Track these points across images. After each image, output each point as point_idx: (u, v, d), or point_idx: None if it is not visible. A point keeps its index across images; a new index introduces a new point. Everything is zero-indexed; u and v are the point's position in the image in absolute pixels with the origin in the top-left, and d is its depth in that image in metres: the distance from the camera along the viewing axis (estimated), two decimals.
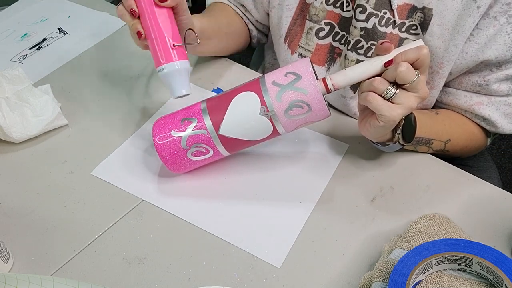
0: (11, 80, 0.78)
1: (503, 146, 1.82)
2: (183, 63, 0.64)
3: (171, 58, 0.64)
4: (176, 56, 0.64)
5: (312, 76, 0.58)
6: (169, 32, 0.64)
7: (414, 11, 0.68)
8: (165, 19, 0.64)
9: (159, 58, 0.64)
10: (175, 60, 0.64)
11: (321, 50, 0.78)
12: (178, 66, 0.64)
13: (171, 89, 0.65)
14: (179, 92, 0.65)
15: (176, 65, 0.64)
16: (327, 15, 0.75)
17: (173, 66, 0.64)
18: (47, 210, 0.67)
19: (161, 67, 0.64)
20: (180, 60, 0.64)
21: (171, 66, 0.64)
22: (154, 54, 0.65)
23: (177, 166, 0.66)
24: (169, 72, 0.64)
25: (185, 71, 0.65)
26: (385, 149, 0.69)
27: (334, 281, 0.59)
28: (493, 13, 0.65)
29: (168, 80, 0.65)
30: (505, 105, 0.71)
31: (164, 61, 0.64)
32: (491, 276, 0.50)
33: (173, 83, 0.65)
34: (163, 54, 0.64)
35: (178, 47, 0.64)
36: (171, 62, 0.64)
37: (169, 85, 0.65)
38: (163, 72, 0.64)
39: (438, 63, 0.70)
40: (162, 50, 0.64)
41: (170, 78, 0.64)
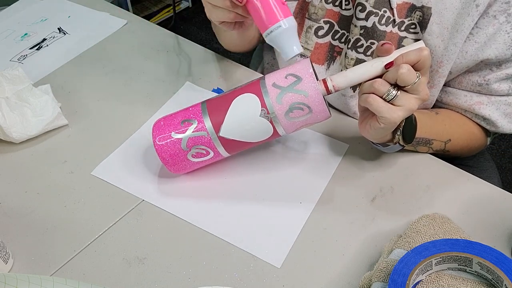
0: (11, 80, 0.78)
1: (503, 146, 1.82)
2: (290, 20, 0.60)
3: (288, 12, 0.60)
4: (282, 15, 0.60)
5: (312, 78, 0.58)
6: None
7: (413, 9, 0.68)
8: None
9: (274, 15, 0.59)
10: (290, 15, 0.60)
11: (320, 48, 0.77)
12: (293, 21, 0.60)
13: (288, 48, 0.60)
14: (297, 49, 0.61)
15: (292, 19, 0.60)
16: (327, 13, 0.75)
17: (291, 21, 0.60)
18: (47, 210, 0.67)
19: (278, 24, 0.59)
20: (287, 18, 0.60)
21: (289, 21, 0.59)
22: (267, 13, 0.60)
23: (177, 167, 0.66)
24: (288, 27, 0.60)
25: (294, 28, 0.61)
26: (386, 149, 0.69)
27: (334, 281, 0.59)
28: (492, 12, 0.65)
29: (284, 38, 0.60)
30: (505, 105, 0.71)
31: (281, 17, 0.59)
32: (491, 276, 0.50)
33: (291, 39, 0.60)
34: (279, 10, 0.60)
35: (283, 4, 0.60)
36: (289, 17, 0.60)
37: (286, 42, 0.60)
38: (279, 30, 0.59)
39: (438, 62, 0.70)
40: (277, 6, 0.60)
41: (287, 36, 0.60)
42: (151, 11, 2.52)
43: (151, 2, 2.57)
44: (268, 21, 0.60)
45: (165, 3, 2.56)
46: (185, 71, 0.87)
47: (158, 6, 2.55)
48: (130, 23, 0.99)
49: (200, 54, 0.91)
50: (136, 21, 1.00)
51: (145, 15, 2.47)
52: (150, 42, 0.94)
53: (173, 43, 0.94)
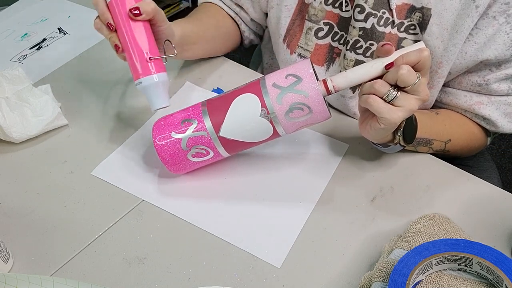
0: (11, 80, 0.78)
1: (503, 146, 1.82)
2: (160, 76, 0.65)
3: (149, 71, 0.64)
4: (154, 69, 0.64)
5: (312, 78, 0.58)
6: (145, 45, 0.64)
7: (412, 11, 0.68)
8: (141, 32, 0.64)
9: (137, 71, 0.64)
10: (153, 73, 0.64)
11: (320, 50, 0.77)
12: (156, 79, 0.64)
13: (150, 102, 0.66)
14: (157, 105, 0.65)
15: (154, 78, 0.64)
16: (326, 15, 0.75)
17: (151, 79, 0.64)
18: (47, 210, 0.67)
19: (139, 80, 0.65)
20: (158, 73, 0.65)
21: (148, 80, 0.64)
22: (132, 67, 0.65)
23: (177, 167, 0.66)
24: (146, 85, 0.64)
25: (162, 84, 0.65)
26: (386, 150, 0.69)
27: (334, 281, 0.59)
28: (492, 12, 0.65)
29: (146, 93, 0.65)
30: (505, 105, 0.71)
31: (141, 74, 0.64)
32: (491, 276, 0.50)
33: (151, 96, 0.65)
34: (140, 68, 0.64)
35: (156, 59, 0.65)
36: (148, 76, 0.64)
37: (148, 98, 0.66)
38: (140, 85, 0.65)
39: (437, 62, 0.70)
40: (139, 63, 0.64)
41: (148, 91, 0.65)
42: None
43: None
44: (133, 73, 0.65)
45: (165, 3, 2.56)
46: (185, 71, 0.87)
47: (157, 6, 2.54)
48: None
49: None
50: None
51: None
52: None
53: None
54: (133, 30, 0.64)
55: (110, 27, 0.64)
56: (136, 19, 0.64)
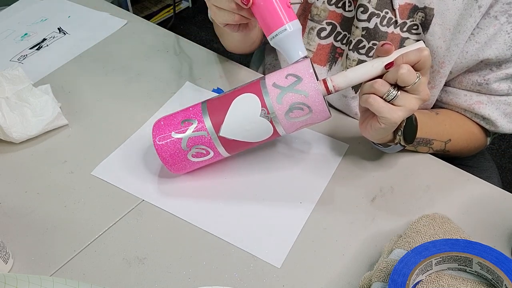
0: (11, 80, 0.78)
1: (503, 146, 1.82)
2: (298, 23, 0.62)
3: (293, 15, 0.61)
4: (293, 15, 0.61)
5: (312, 78, 0.58)
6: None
7: (415, 10, 0.68)
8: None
9: (279, 19, 0.60)
10: (295, 19, 0.61)
11: (322, 50, 0.77)
12: (298, 24, 0.61)
13: (293, 51, 0.61)
14: (302, 52, 0.62)
15: (298, 23, 0.61)
16: (329, 15, 0.75)
17: (296, 24, 0.61)
18: (47, 210, 0.67)
19: (283, 28, 0.60)
20: (296, 19, 0.62)
21: (294, 24, 0.61)
22: (271, 17, 0.60)
23: (177, 167, 0.66)
24: (293, 31, 0.61)
25: (300, 31, 0.62)
26: (386, 150, 0.69)
27: (334, 281, 0.59)
28: (493, 12, 0.65)
29: (290, 41, 0.61)
30: (504, 105, 0.71)
31: (286, 21, 0.60)
32: (491, 276, 0.50)
33: (295, 43, 0.61)
34: (284, 14, 0.60)
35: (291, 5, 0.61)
36: (294, 20, 0.61)
37: (291, 46, 0.61)
38: (285, 33, 0.60)
39: (439, 62, 0.70)
40: (283, 10, 0.60)
41: (293, 39, 0.61)
42: (151, 11, 2.52)
43: (151, 2, 2.57)
44: (273, 24, 0.61)
45: (165, 3, 2.56)
46: (185, 71, 0.87)
47: (158, 6, 2.55)
48: (130, 23, 0.99)
49: (200, 54, 0.91)
50: (136, 21, 1.00)
51: (145, 15, 2.47)
52: (150, 42, 0.94)
53: (173, 43, 0.94)
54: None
55: None
56: None
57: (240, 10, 0.61)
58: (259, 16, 0.61)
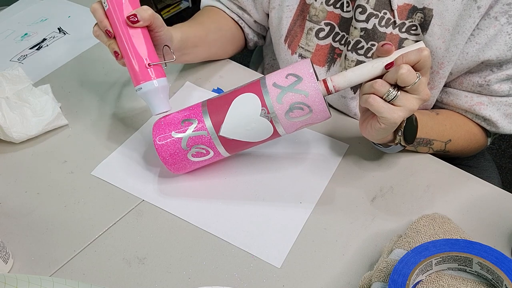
0: (11, 80, 0.78)
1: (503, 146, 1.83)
2: (160, 81, 0.65)
3: (148, 77, 0.64)
4: (154, 75, 0.65)
5: (313, 78, 0.58)
6: (144, 51, 0.64)
7: (414, 11, 0.68)
8: (139, 38, 0.65)
9: (137, 77, 0.65)
10: (152, 79, 0.64)
11: (321, 50, 0.77)
12: (156, 84, 0.65)
13: (151, 107, 0.66)
14: (158, 109, 0.66)
15: (154, 83, 0.65)
16: (327, 15, 0.75)
17: (151, 85, 0.64)
18: (47, 210, 0.67)
19: (139, 86, 0.65)
20: (158, 78, 0.65)
21: (148, 85, 0.64)
22: (132, 73, 0.65)
23: (177, 167, 0.66)
24: (147, 91, 0.65)
25: (162, 89, 0.66)
26: (387, 150, 0.69)
27: (334, 281, 0.59)
28: (493, 13, 0.65)
29: (147, 98, 0.66)
30: (505, 105, 0.71)
31: (141, 80, 0.65)
32: (491, 276, 0.50)
33: (152, 101, 0.66)
34: (139, 74, 0.65)
35: (156, 64, 0.65)
36: (148, 81, 0.64)
37: (149, 103, 0.66)
38: (141, 91, 0.65)
39: (439, 63, 0.70)
40: (138, 70, 0.64)
41: (148, 97, 0.65)
42: None
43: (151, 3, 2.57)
44: (134, 79, 0.65)
45: (165, 3, 2.56)
46: (185, 71, 0.87)
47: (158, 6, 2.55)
48: None
49: None
50: None
51: None
52: None
53: None
54: (132, 37, 0.64)
55: (109, 34, 0.65)
56: (133, 26, 0.64)
57: (110, 40, 0.65)
58: (128, 66, 0.66)
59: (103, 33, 0.65)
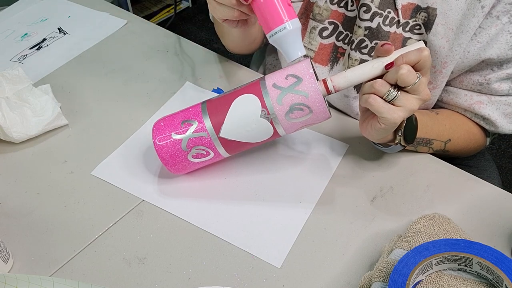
0: (11, 80, 0.78)
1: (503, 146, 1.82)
2: (298, 22, 0.61)
3: (294, 14, 0.60)
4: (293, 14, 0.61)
5: (313, 78, 0.58)
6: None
7: (418, 10, 0.68)
8: None
9: (279, 17, 0.59)
10: (295, 17, 0.60)
11: (324, 49, 0.77)
12: (298, 23, 0.60)
13: (292, 50, 0.60)
14: (300, 52, 0.60)
15: (297, 21, 0.60)
16: (331, 14, 0.75)
17: (296, 23, 0.60)
18: (47, 210, 0.67)
19: (283, 26, 0.59)
20: (296, 18, 0.61)
21: (294, 23, 0.59)
22: (270, 15, 0.59)
23: (177, 168, 0.66)
24: (292, 29, 0.59)
25: (299, 30, 0.61)
26: (387, 150, 0.69)
27: (334, 281, 0.59)
28: (495, 12, 0.65)
29: (289, 39, 0.60)
30: (505, 105, 0.71)
31: (286, 19, 0.59)
32: (491, 276, 0.50)
33: (294, 42, 0.60)
34: (284, 12, 0.59)
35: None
36: (294, 19, 0.60)
37: (289, 45, 0.60)
38: (284, 31, 0.59)
39: (442, 62, 0.70)
40: (283, 7, 0.59)
41: (292, 37, 0.60)
42: (151, 11, 2.52)
43: (151, 2, 2.57)
44: (272, 22, 0.60)
45: (165, 3, 2.56)
46: (185, 71, 0.87)
47: (158, 6, 2.55)
48: (130, 23, 0.99)
49: (200, 54, 0.91)
50: (136, 21, 1.00)
51: (145, 15, 2.47)
52: (150, 42, 0.94)
53: (173, 43, 0.94)
54: None
55: None
56: None
57: (240, 6, 0.60)
58: (259, 13, 0.60)
59: None
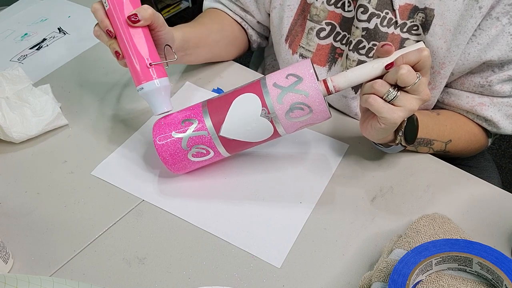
0: (11, 80, 0.78)
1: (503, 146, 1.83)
2: (162, 81, 0.65)
3: (150, 76, 0.64)
4: (155, 74, 0.64)
5: (313, 78, 0.58)
6: (145, 50, 0.64)
7: (415, 11, 0.68)
8: (140, 37, 0.64)
9: (138, 77, 0.65)
10: (154, 79, 0.64)
11: (322, 50, 0.77)
12: (158, 84, 0.64)
13: (152, 107, 0.66)
14: (160, 109, 0.66)
15: (155, 83, 0.64)
16: (328, 15, 0.75)
17: (152, 85, 0.64)
18: (47, 210, 0.67)
19: (140, 86, 0.65)
20: (159, 78, 0.65)
21: (150, 85, 0.64)
22: (133, 73, 0.65)
23: (177, 167, 0.66)
24: (148, 91, 0.64)
25: (164, 88, 0.65)
26: (387, 150, 0.69)
27: (334, 281, 0.59)
28: (495, 13, 0.65)
29: (148, 98, 0.65)
30: (507, 106, 0.71)
31: (142, 80, 0.64)
32: (491, 276, 0.50)
33: (153, 101, 0.65)
34: (140, 73, 0.64)
35: (157, 64, 0.65)
36: (150, 81, 0.64)
37: (150, 103, 0.66)
38: (142, 91, 0.65)
39: (440, 63, 0.70)
40: (140, 69, 0.64)
41: (150, 97, 0.65)
42: None
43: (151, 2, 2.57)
44: (136, 79, 0.65)
45: (165, 3, 2.56)
46: (185, 71, 0.87)
47: (158, 6, 2.55)
48: None
49: None
50: None
51: None
52: None
53: None
54: (133, 36, 0.64)
55: (110, 34, 0.64)
56: (134, 26, 0.64)
57: (111, 40, 0.65)
58: (129, 66, 0.66)
59: (104, 33, 0.65)
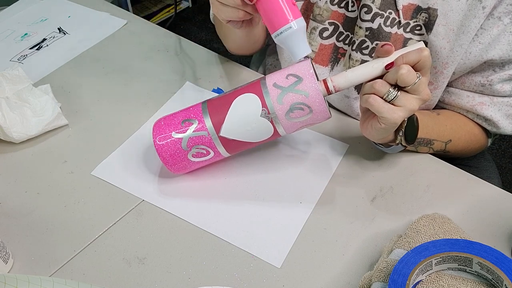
0: (11, 80, 0.78)
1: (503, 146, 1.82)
2: (303, 21, 0.61)
3: (298, 13, 0.60)
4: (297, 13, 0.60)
5: (313, 78, 0.58)
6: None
7: (419, 11, 0.68)
8: None
9: (283, 16, 0.59)
10: (300, 17, 0.60)
11: (324, 50, 0.77)
12: (303, 22, 0.60)
13: (297, 49, 0.60)
14: (305, 51, 0.61)
15: (301, 21, 0.60)
16: (332, 15, 0.75)
17: (301, 22, 0.60)
18: (47, 210, 0.67)
19: (288, 25, 0.59)
20: (301, 17, 0.60)
21: (299, 22, 0.59)
22: (276, 14, 0.59)
23: (177, 167, 0.66)
24: (297, 29, 0.59)
25: (304, 29, 0.61)
26: (387, 150, 0.69)
27: (334, 281, 0.59)
28: (497, 13, 0.65)
29: (294, 39, 0.60)
30: (507, 106, 0.71)
31: (291, 18, 0.59)
32: (491, 276, 0.50)
33: (299, 42, 0.60)
34: (289, 11, 0.59)
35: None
36: (298, 18, 0.60)
37: (294, 45, 0.60)
38: (290, 30, 0.59)
39: (443, 63, 0.70)
40: (288, 7, 0.59)
41: (295, 37, 0.60)
42: (151, 11, 2.52)
43: (151, 2, 2.57)
44: (277, 22, 0.59)
45: (165, 3, 2.56)
46: (185, 71, 0.87)
47: (158, 6, 2.55)
48: (130, 23, 0.99)
49: (200, 54, 0.91)
50: (136, 21, 1.00)
51: (145, 15, 2.47)
52: (150, 42, 0.94)
53: (173, 43, 0.94)
54: None
55: None
56: None
57: (245, 6, 0.60)
58: (264, 13, 0.60)
59: None
